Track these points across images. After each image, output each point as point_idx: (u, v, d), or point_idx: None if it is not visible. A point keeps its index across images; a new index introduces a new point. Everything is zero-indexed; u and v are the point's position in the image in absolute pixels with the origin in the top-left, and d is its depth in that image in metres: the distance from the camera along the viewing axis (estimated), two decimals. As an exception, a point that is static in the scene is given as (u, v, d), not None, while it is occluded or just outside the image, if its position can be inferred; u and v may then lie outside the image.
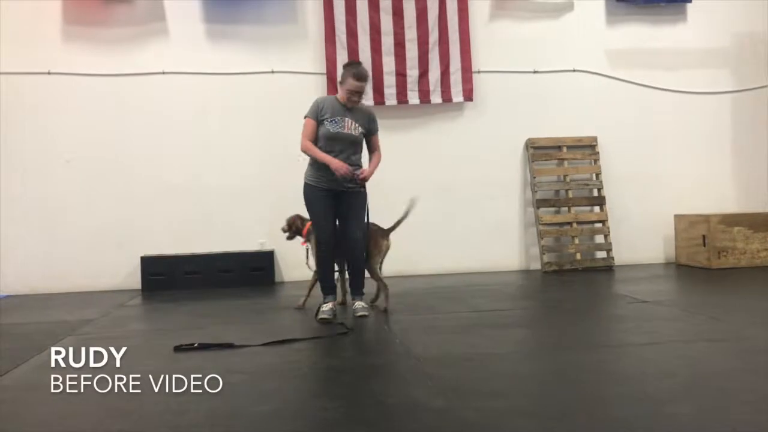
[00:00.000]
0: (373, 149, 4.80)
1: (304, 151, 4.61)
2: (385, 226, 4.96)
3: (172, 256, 6.57)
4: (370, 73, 4.89)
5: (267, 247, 6.71)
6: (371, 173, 4.65)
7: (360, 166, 4.69)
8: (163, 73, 6.80)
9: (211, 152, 6.85)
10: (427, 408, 2.71)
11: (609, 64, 7.40)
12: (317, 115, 4.59)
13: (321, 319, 4.52)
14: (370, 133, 4.73)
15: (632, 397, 2.77)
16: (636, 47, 7.43)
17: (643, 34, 7.44)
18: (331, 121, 4.56)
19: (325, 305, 4.64)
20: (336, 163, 4.47)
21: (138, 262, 6.54)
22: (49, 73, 6.64)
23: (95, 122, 6.73)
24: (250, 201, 6.83)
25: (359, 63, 4.84)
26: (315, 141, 4.59)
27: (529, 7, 7.25)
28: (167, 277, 6.50)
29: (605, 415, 2.60)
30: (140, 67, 6.79)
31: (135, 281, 6.57)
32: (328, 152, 4.54)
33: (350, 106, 4.62)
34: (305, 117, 4.64)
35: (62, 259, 6.61)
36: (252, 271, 6.63)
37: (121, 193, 6.73)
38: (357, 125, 4.61)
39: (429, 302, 5.39)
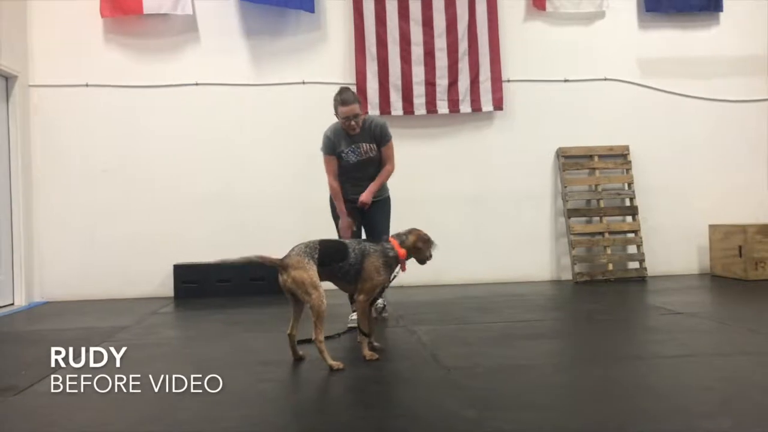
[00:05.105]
0: (384, 161, 4.67)
1: (330, 190, 4.69)
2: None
3: (205, 265, 6.63)
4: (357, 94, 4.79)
5: (297, 256, 6.75)
6: (370, 194, 4.60)
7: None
8: (197, 84, 6.92)
9: (243, 162, 6.94)
10: (459, 418, 2.70)
11: (641, 72, 7.32)
12: (334, 150, 4.64)
13: (350, 327, 4.57)
14: (380, 144, 4.64)
15: (667, 411, 2.73)
16: (668, 55, 7.34)
17: (676, 41, 7.35)
18: (348, 152, 4.60)
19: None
20: (342, 220, 4.61)
21: (171, 269, 6.64)
22: (86, 86, 6.80)
23: (131, 132, 6.87)
24: (281, 209, 6.90)
25: (345, 89, 4.66)
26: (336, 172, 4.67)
27: (559, 16, 7.21)
28: (199, 284, 6.58)
29: (640, 429, 2.56)
30: (174, 79, 6.91)
31: (168, 289, 6.66)
32: (351, 179, 4.64)
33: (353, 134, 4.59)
34: (323, 153, 4.68)
35: (99, 267, 6.74)
36: (283, 279, 6.66)
37: (155, 202, 6.84)
38: (370, 146, 4.62)
39: (458, 312, 5.37)
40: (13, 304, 6.42)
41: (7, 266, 6.40)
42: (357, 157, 4.61)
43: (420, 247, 3.86)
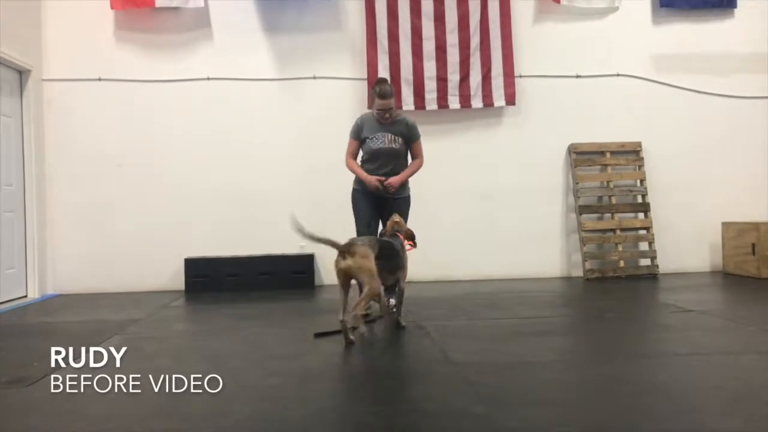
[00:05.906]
0: (414, 156, 4.94)
1: (348, 167, 4.88)
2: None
3: (215, 258, 6.68)
4: (393, 88, 4.95)
5: (307, 251, 6.76)
6: (400, 180, 4.78)
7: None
8: (208, 78, 6.93)
9: (254, 156, 6.94)
10: (468, 415, 2.70)
11: (654, 68, 7.26)
12: (359, 135, 4.84)
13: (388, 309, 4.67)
14: (410, 141, 4.86)
15: (677, 409, 2.72)
16: (682, 51, 7.27)
17: (689, 37, 7.27)
18: (372, 138, 4.78)
19: (392, 300, 4.76)
20: (367, 178, 4.75)
21: (182, 263, 6.68)
22: (99, 80, 6.84)
23: (143, 127, 6.89)
24: (291, 204, 6.86)
25: (383, 80, 4.91)
26: (357, 156, 4.88)
27: (572, 11, 7.16)
28: (210, 278, 6.61)
29: (649, 428, 2.55)
30: (185, 73, 6.93)
31: (179, 282, 6.70)
32: (373, 167, 4.79)
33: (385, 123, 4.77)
34: (349, 136, 4.89)
35: (111, 260, 6.79)
36: (292, 273, 6.70)
37: (167, 197, 6.87)
38: (396, 137, 4.79)
39: (468, 308, 5.36)
40: (26, 296, 6.48)
41: (21, 259, 6.45)
42: (378, 145, 4.77)
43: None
